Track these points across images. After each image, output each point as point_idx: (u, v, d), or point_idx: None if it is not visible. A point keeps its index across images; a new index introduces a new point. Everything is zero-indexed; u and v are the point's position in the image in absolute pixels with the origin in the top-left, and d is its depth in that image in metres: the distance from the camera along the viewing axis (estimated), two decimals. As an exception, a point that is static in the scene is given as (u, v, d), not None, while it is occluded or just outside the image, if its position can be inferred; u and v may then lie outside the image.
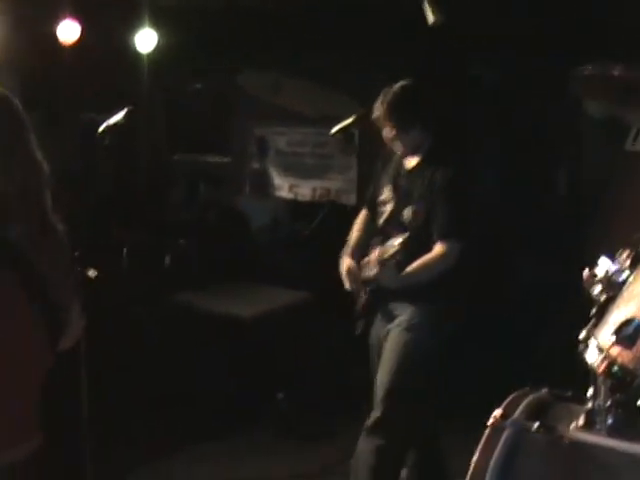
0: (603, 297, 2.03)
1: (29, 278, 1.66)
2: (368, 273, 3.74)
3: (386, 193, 3.91)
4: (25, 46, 5.41)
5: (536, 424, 2.01)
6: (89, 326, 2.06)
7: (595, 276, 2.03)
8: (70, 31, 5.70)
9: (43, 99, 5.46)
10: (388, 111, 3.72)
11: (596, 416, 2.05)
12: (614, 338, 1.89)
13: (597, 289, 2.04)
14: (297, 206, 6.98)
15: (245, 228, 6.56)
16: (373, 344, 3.98)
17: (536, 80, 5.50)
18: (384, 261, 3.58)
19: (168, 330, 5.47)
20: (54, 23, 5.64)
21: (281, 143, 7.24)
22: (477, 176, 4.36)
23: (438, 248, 3.66)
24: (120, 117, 4.14)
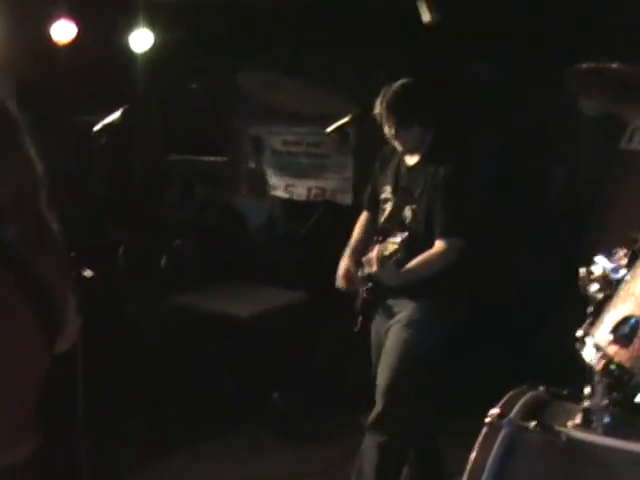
0: (600, 295, 2.03)
1: (24, 278, 1.65)
2: (368, 270, 3.75)
3: (387, 191, 3.91)
4: (20, 46, 5.40)
5: (533, 423, 2.01)
6: (85, 326, 2.05)
7: (592, 274, 2.03)
8: (66, 31, 5.70)
9: (39, 99, 5.45)
10: (388, 109, 3.72)
11: (593, 415, 2.05)
12: (611, 337, 1.89)
13: (594, 287, 2.04)
14: (293, 206, 6.97)
15: (241, 228, 6.55)
16: (373, 341, 3.98)
17: (536, 78, 5.50)
18: (384, 258, 3.58)
19: (164, 330, 5.47)
20: (49, 23, 5.63)
21: (277, 142, 7.24)
22: (477, 174, 4.36)
23: (439, 245, 3.67)
24: (116, 116, 4.13)
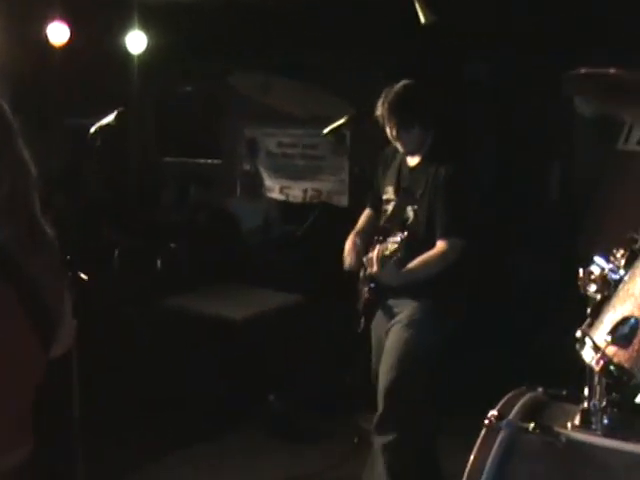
0: (598, 296, 2.02)
1: (17, 279, 1.64)
2: (369, 270, 3.74)
3: (388, 192, 3.92)
4: (14, 48, 5.39)
5: (532, 424, 2.00)
6: (80, 329, 2.04)
7: (591, 275, 2.03)
8: (59, 33, 5.69)
9: (33, 101, 5.44)
10: (390, 110, 3.71)
11: (592, 416, 2.04)
12: (610, 338, 1.88)
13: (592, 288, 2.03)
14: (288, 208, 6.96)
15: (236, 230, 6.54)
16: (374, 341, 3.98)
17: (536, 78, 5.50)
18: (385, 258, 3.57)
19: (159, 332, 5.45)
20: (43, 25, 5.62)
21: (271, 144, 7.23)
22: (477, 174, 4.36)
23: (440, 245, 3.67)
24: (111, 118, 4.12)
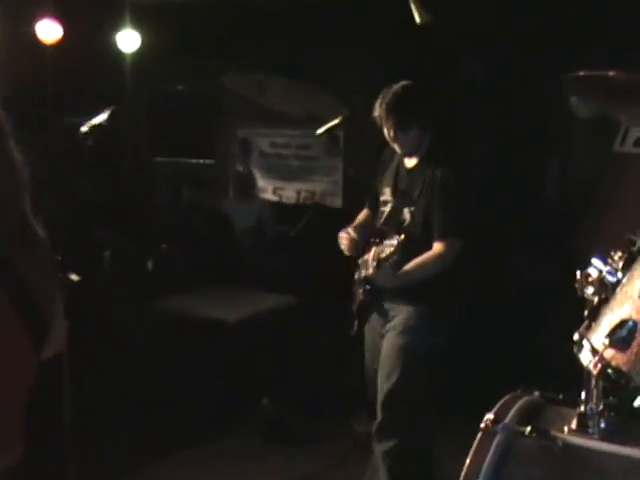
0: (596, 299, 2.00)
1: (9, 281, 1.62)
2: (365, 272, 3.72)
3: (386, 194, 3.91)
4: (5, 47, 5.35)
5: (528, 428, 1.98)
6: (72, 329, 2.02)
7: (588, 277, 2.01)
8: (51, 32, 5.66)
9: (24, 100, 5.40)
10: (387, 111, 3.70)
11: (589, 420, 2.02)
12: (608, 341, 1.86)
13: (590, 290, 2.01)
14: (282, 209, 6.94)
15: (229, 231, 6.52)
16: (368, 343, 3.97)
17: (535, 78, 5.48)
18: (381, 260, 3.55)
19: (151, 334, 5.43)
20: (34, 23, 5.59)
21: (265, 145, 7.21)
22: (474, 174, 4.35)
23: (437, 247, 3.66)
24: (103, 118, 4.09)
